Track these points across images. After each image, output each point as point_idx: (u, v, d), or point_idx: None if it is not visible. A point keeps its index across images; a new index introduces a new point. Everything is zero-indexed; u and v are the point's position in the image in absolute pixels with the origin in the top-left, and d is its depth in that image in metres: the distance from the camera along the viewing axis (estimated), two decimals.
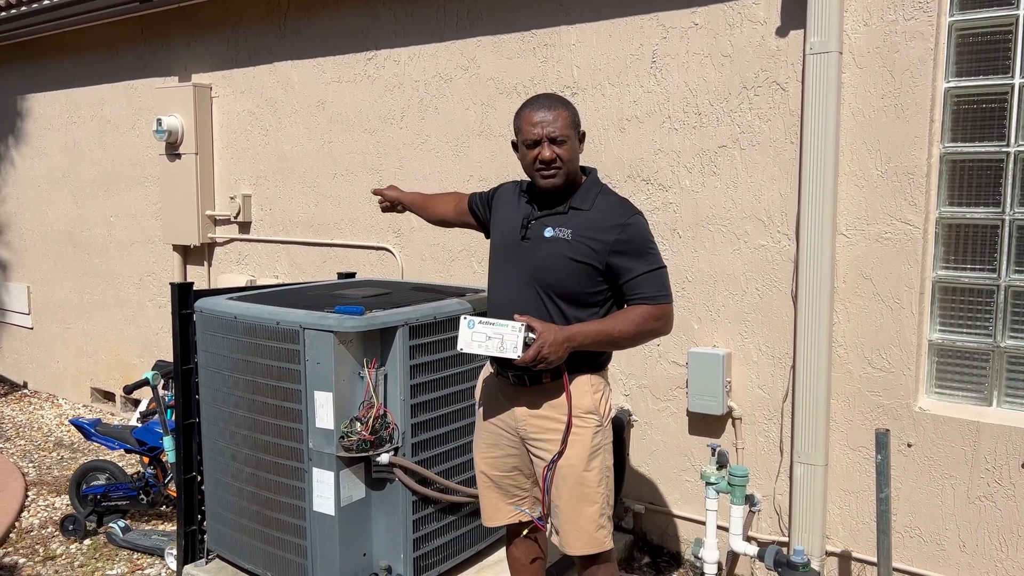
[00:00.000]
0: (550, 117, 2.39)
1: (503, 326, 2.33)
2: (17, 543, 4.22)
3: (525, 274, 2.46)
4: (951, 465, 3.19)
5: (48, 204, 6.96)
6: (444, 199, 3.00)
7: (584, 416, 2.44)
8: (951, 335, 3.25)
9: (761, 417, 3.60)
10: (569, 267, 2.39)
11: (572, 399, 2.42)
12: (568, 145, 2.41)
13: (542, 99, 2.45)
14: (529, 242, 2.47)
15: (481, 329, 2.35)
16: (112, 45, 6.21)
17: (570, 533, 2.48)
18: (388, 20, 4.64)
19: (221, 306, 3.18)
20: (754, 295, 3.57)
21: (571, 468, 2.43)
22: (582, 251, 2.39)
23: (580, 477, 2.44)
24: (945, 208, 3.22)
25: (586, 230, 2.40)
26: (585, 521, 2.46)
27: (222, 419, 3.22)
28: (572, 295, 2.41)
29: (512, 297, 2.48)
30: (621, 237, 2.38)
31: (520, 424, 2.52)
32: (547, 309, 2.43)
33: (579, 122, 2.48)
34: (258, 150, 5.39)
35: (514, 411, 2.53)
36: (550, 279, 2.41)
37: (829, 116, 3.22)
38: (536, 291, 2.44)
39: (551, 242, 2.43)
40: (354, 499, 2.94)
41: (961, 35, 3.14)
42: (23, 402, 7.04)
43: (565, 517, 2.47)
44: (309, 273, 5.20)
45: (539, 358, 2.29)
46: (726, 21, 3.52)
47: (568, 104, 2.46)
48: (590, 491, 2.45)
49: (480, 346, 2.35)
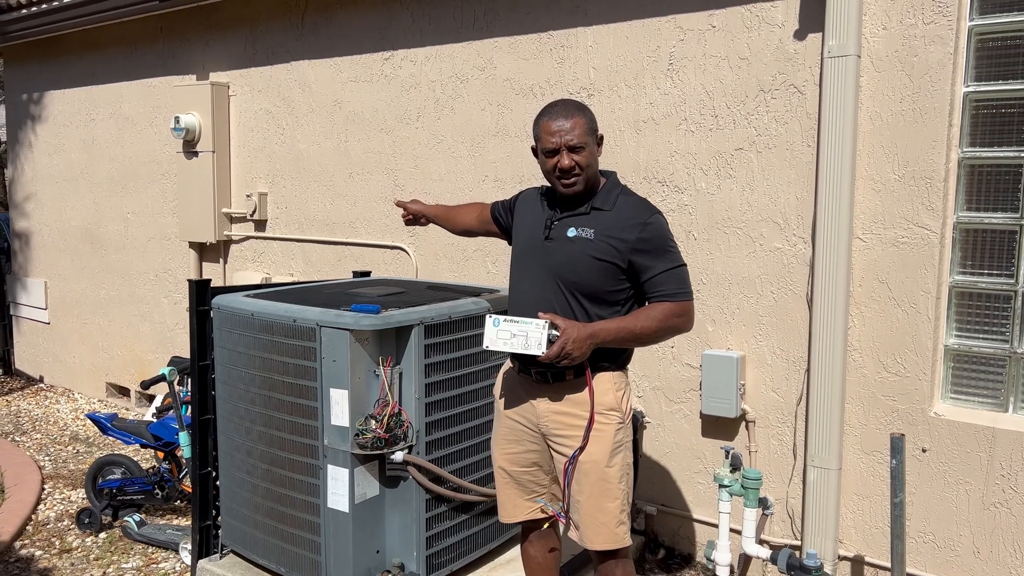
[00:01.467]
0: (568, 125, 2.42)
1: (527, 323, 2.37)
2: (34, 535, 4.27)
3: (549, 273, 2.49)
4: (966, 471, 3.17)
5: (66, 200, 7.02)
6: (467, 210, 3.03)
7: (606, 413, 2.46)
8: (967, 340, 3.24)
9: (775, 420, 3.60)
10: (592, 266, 2.42)
11: (595, 396, 2.45)
12: (586, 152, 2.44)
13: (559, 106, 2.47)
14: (552, 242, 2.50)
15: (506, 327, 2.39)
16: (131, 43, 6.26)
17: (591, 528, 2.49)
18: (405, 20, 4.66)
19: (238, 303, 3.20)
20: (769, 298, 3.56)
21: (593, 464, 2.45)
22: (605, 250, 2.42)
23: (602, 473, 2.45)
24: (963, 213, 3.20)
25: (608, 229, 2.43)
26: (606, 516, 2.47)
27: (238, 415, 3.25)
28: (595, 293, 2.44)
29: (536, 296, 2.51)
30: (642, 235, 2.40)
31: (542, 420, 2.54)
32: (571, 307, 2.46)
33: (596, 127, 2.49)
34: (274, 148, 5.42)
35: (536, 407, 2.55)
36: (574, 278, 2.44)
37: (847, 119, 3.21)
38: (560, 290, 2.47)
39: (574, 242, 2.45)
40: (368, 496, 2.96)
41: (981, 39, 3.12)
42: (39, 396, 7.11)
43: (586, 512, 2.48)
44: (324, 271, 5.23)
45: (563, 354, 2.32)
46: (743, 23, 3.52)
47: (585, 110, 2.47)
48: (611, 487, 2.46)
49: (505, 343, 2.39)
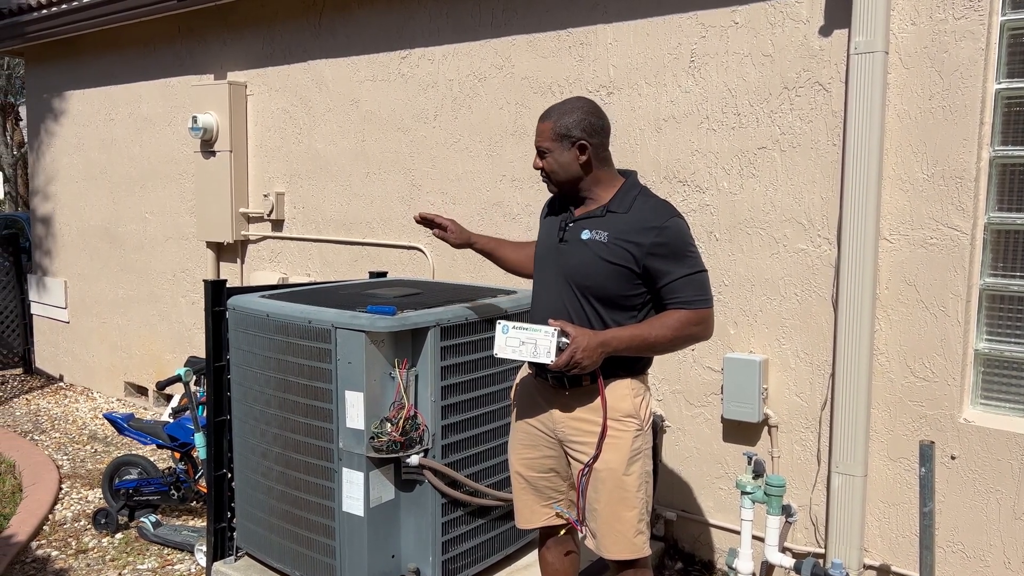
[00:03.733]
0: (540, 127, 2.46)
1: (536, 331, 2.31)
2: (51, 535, 4.27)
3: (563, 277, 2.44)
4: (997, 479, 3.08)
5: (85, 200, 7.05)
6: (516, 247, 2.83)
7: (624, 420, 2.40)
8: (999, 344, 3.15)
9: (798, 425, 3.52)
10: (604, 269, 2.36)
11: (610, 403, 2.39)
12: (549, 157, 2.43)
13: (550, 107, 2.48)
14: (566, 245, 2.45)
15: (515, 334, 2.34)
16: (150, 43, 6.27)
17: (607, 537, 2.43)
18: (423, 19, 4.62)
19: (254, 304, 3.17)
20: (793, 300, 3.49)
21: (610, 472, 2.39)
22: (618, 253, 2.35)
23: (619, 481, 2.40)
24: (994, 214, 3.11)
25: (623, 232, 2.37)
26: (623, 526, 2.41)
27: (253, 417, 3.22)
28: (608, 297, 2.38)
29: (551, 300, 2.46)
30: (658, 240, 2.33)
31: (558, 426, 2.49)
32: (585, 312, 2.40)
33: (571, 132, 2.39)
34: (292, 148, 5.40)
35: (552, 413, 2.50)
36: (587, 281, 2.38)
37: (874, 117, 3.14)
38: (574, 294, 2.41)
39: (587, 244, 2.40)
40: (383, 500, 2.92)
41: (1013, 35, 3.03)
42: (59, 395, 7.14)
43: (603, 521, 2.43)
44: (341, 272, 5.21)
45: (572, 363, 2.26)
46: (767, 20, 3.45)
47: (562, 114, 2.40)
48: (629, 495, 2.41)
49: (514, 351, 2.34)
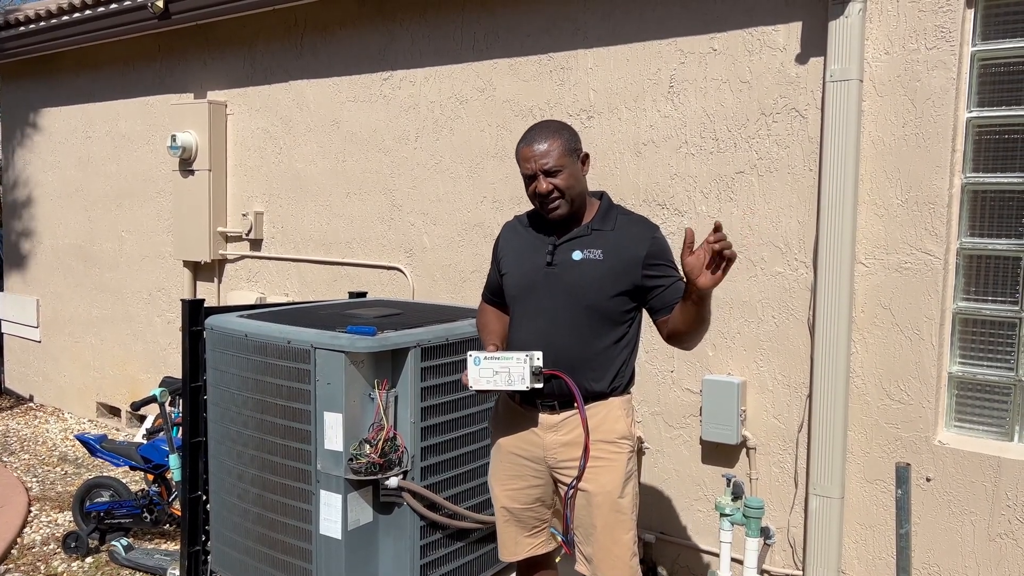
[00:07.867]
0: (542, 149, 2.37)
1: (508, 359, 2.29)
2: (19, 559, 4.17)
3: (558, 300, 2.42)
4: (971, 501, 3.12)
5: (60, 218, 6.97)
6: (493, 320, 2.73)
7: (618, 442, 2.40)
8: (972, 368, 3.20)
9: (776, 447, 3.54)
10: (603, 286, 2.38)
11: (606, 425, 2.41)
12: (565, 173, 2.38)
13: (535, 131, 2.42)
14: (557, 267, 2.44)
15: (487, 364, 2.31)
16: (129, 61, 6.25)
17: (605, 562, 2.41)
18: (405, 41, 4.64)
19: (232, 324, 3.15)
20: (770, 323, 3.52)
21: (606, 496, 2.38)
22: (619, 269, 2.38)
23: (615, 504, 2.39)
24: (967, 239, 3.17)
25: (618, 249, 2.40)
26: (621, 549, 2.40)
27: (229, 438, 3.18)
28: (606, 313, 2.40)
29: (542, 324, 2.44)
30: (652, 250, 2.40)
31: (549, 452, 2.47)
32: (582, 331, 2.40)
33: (577, 146, 2.43)
34: (271, 168, 5.39)
35: (543, 440, 2.48)
36: (588, 300, 2.39)
37: (849, 144, 3.19)
38: (573, 314, 2.40)
39: (582, 264, 2.41)
40: (361, 523, 2.89)
41: (984, 65, 3.11)
42: (29, 416, 7.01)
43: (600, 545, 2.41)
44: (319, 292, 5.18)
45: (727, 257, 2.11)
46: (745, 47, 3.51)
47: (562, 131, 2.41)
48: (624, 518, 2.40)
49: (489, 382, 2.31)
